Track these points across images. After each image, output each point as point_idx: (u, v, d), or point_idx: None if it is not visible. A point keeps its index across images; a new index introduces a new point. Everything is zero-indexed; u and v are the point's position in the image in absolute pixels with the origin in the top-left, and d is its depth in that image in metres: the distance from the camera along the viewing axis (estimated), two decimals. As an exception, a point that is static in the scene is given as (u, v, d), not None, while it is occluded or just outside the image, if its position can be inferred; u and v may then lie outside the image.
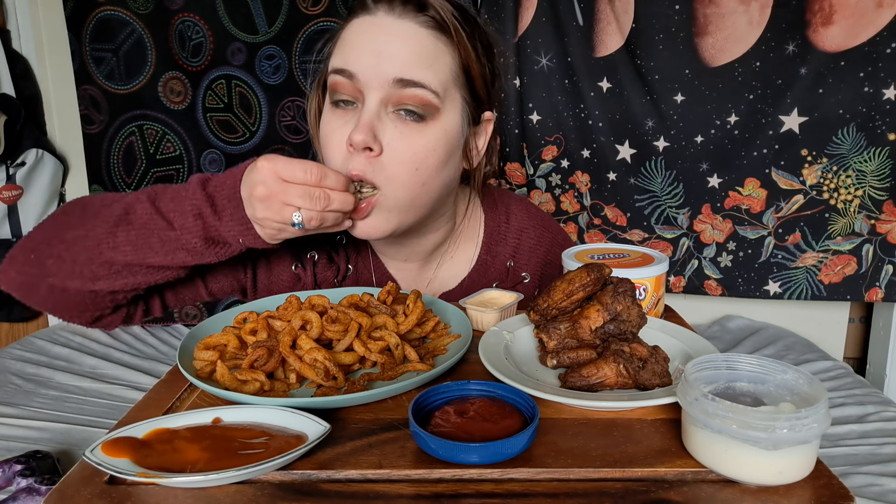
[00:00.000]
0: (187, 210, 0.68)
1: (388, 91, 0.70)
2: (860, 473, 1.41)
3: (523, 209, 0.95)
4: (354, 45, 0.71)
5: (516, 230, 0.92)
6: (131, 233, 0.70)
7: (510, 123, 2.06)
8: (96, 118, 2.14)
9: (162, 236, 0.70)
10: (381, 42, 0.70)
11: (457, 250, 0.91)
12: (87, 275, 0.72)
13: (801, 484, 0.45)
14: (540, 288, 0.94)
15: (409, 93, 0.70)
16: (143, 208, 0.70)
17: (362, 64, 0.70)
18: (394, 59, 0.70)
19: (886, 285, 1.93)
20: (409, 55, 0.70)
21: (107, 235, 0.70)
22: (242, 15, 2.06)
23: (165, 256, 0.71)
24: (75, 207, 0.76)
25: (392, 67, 0.70)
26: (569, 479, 0.47)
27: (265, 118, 2.16)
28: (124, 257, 0.70)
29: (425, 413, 0.52)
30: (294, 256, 0.87)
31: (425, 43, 0.71)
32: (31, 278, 0.74)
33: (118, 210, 0.71)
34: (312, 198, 0.65)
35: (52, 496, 0.45)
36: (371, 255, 0.89)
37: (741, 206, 1.97)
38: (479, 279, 0.90)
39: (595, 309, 0.61)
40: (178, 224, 0.69)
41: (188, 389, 0.62)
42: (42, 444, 1.48)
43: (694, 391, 0.47)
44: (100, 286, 0.73)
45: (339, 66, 0.72)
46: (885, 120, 1.81)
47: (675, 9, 1.86)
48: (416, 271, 0.89)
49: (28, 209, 2.17)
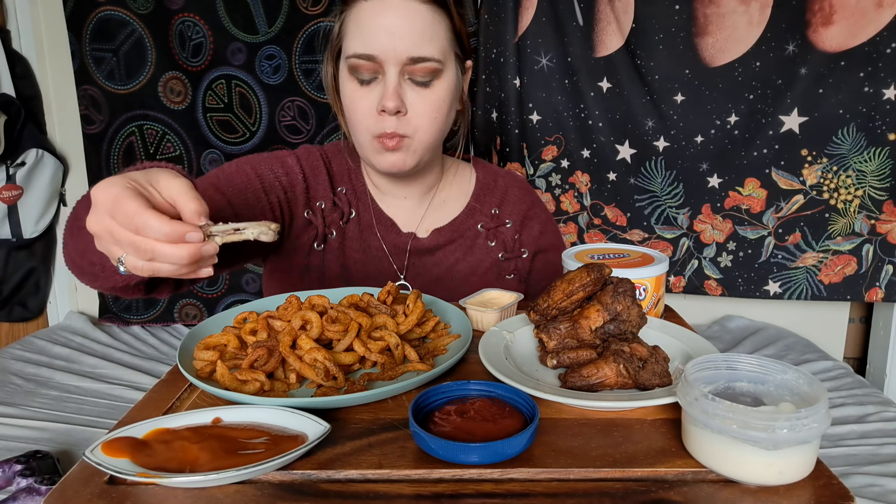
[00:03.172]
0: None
1: (402, 65, 0.85)
2: (860, 474, 1.41)
3: (511, 176, 1.12)
4: (370, 29, 0.84)
5: (503, 187, 1.08)
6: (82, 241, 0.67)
7: (510, 123, 2.06)
8: (96, 118, 2.14)
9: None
10: (393, 23, 0.84)
11: (449, 197, 1.06)
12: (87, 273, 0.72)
13: (801, 484, 0.45)
14: (520, 234, 1.07)
15: (420, 67, 0.86)
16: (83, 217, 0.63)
17: (380, 46, 0.84)
18: (405, 38, 0.84)
19: (886, 285, 1.93)
20: (416, 33, 0.84)
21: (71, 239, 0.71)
22: (242, 15, 2.06)
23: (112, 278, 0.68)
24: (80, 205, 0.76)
25: (404, 46, 0.84)
26: (569, 479, 0.47)
27: (265, 118, 2.16)
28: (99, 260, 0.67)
29: (425, 413, 0.52)
30: (305, 205, 0.99)
31: (427, 18, 0.85)
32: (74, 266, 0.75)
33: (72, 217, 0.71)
34: (134, 247, 0.54)
35: (52, 496, 0.45)
36: (370, 199, 1.02)
37: (741, 206, 1.97)
38: (467, 220, 1.04)
39: (595, 309, 0.61)
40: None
41: (188, 389, 0.62)
42: (42, 444, 1.48)
43: (694, 391, 0.47)
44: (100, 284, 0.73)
45: (361, 51, 0.85)
46: (885, 120, 1.81)
47: (675, 9, 1.86)
48: (412, 209, 1.03)
49: (28, 209, 2.17)
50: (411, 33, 0.84)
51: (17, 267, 2.23)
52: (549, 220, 1.11)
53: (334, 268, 0.99)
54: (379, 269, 1.00)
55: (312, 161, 1.00)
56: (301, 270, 0.99)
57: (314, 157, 1.01)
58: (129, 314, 2.29)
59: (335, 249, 0.98)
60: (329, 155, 1.03)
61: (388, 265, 1.00)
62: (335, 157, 1.03)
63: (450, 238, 1.01)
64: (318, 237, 0.98)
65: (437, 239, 1.01)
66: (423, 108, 0.89)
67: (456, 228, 1.03)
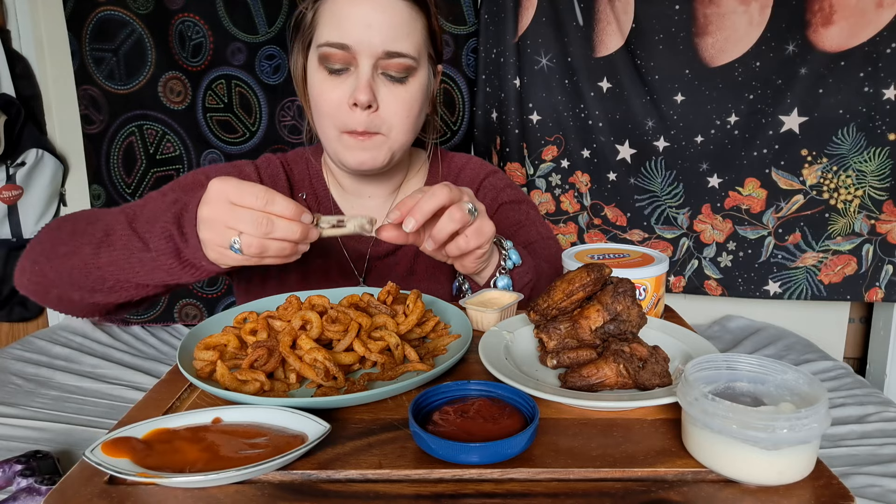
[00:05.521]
0: (158, 232, 0.70)
1: (376, 58, 0.83)
2: (860, 474, 1.41)
3: (469, 157, 1.11)
4: (347, 20, 0.82)
5: (459, 165, 1.08)
6: (113, 254, 0.72)
7: (510, 123, 2.06)
8: (96, 118, 2.14)
9: (141, 257, 0.71)
10: (370, 16, 0.82)
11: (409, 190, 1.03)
12: (85, 288, 0.75)
13: (801, 484, 0.45)
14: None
15: (395, 62, 0.84)
16: (122, 230, 0.72)
17: (355, 37, 0.82)
18: (381, 31, 0.82)
19: (886, 285, 1.93)
20: (393, 28, 0.83)
21: (92, 256, 0.73)
22: (242, 15, 2.06)
23: (147, 276, 0.73)
24: (66, 223, 0.79)
25: (380, 39, 0.82)
26: (569, 479, 0.47)
27: (265, 118, 2.16)
28: (112, 276, 0.73)
29: (425, 413, 0.52)
30: None
31: (404, 15, 0.84)
32: (41, 287, 0.79)
33: (99, 231, 0.73)
34: (255, 223, 0.63)
35: (52, 496, 0.45)
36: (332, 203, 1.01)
37: (741, 206, 1.97)
38: None
39: (595, 309, 0.61)
40: (153, 246, 0.70)
41: (188, 389, 0.62)
42: (42, 444, 1.48)
43: (694, 391, 0.47)
44: (98, 298, 0.77)
45: (336, 40, 0.82)
46: (885, 120, 1.81)
47: (675, 9, 1.86)
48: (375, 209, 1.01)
49: (28, 209, 2.18)
50: (389, 27, 0.82)
51: (17, 267, 2.23)
52: (510, 184, 1.08)
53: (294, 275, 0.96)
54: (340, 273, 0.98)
55: (272, 170, 0.99)
56: (260, 279, 0.97)
57: (273, 165, 0.99)
58: (130, 314, 2.29)
59: None
60: (290, 162, 1.02)
61: (349, 271, 0.98)
62: (296, 164, 1.02)
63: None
64: None
65: None
66: (396, 106, 0.86)
67: None
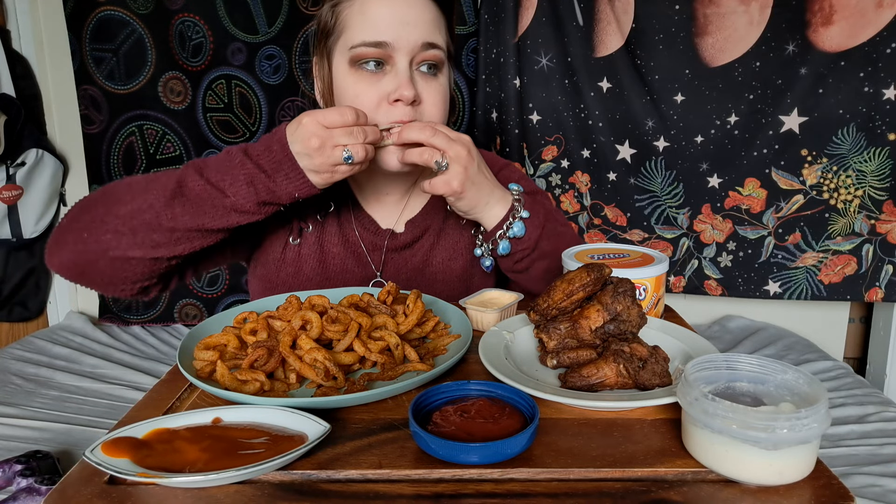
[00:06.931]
0: (240, 179, 0.79)
1: (414, 53, 0.86)
2: (860, 474, 1.41)
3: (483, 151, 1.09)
4: (382, 19, 0.86)
5: None
6: (187, 204, 0.80)
7: (510, 123, 2.06)
8: (96, 118, 2.14)
9: (216, 203, 0.80)
10: (407, 13, 0.86)
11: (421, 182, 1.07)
12: (148, 243, 0.80)
13: (801, 484, 0.45)
14: None
15: (430, 53, 0.88)
16: (195, 181, 0.81)
17: (393, 34, 0.85)
18: (418, 27, 0.86)
19: (886, 285, 1.93)
20: (428, 22, 0.87)
21: (165, 208, 0.80)
22: (242, 15, 2.06)
23: (220, 220, 0.82)
24: (117, 188, 0.85)
25: (418, 34, 0.86)
26: (569, 479, 0.47)
27: (265, 118, 2.16)
28: (184, 225, 0.81)
29: (425, 413, 0.52)
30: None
31: (434, 12, 0.89)
32: (90, 255, 0.82)
33: (171, 185, 0.81)
34: (353, 134, 0.77)
35: (52, 496, 0.45)
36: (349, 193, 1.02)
37: (741, 206, 1.97)
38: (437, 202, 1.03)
39: (595, 309, 0.61)
40: (231, 192, 0.80)
41: (188, 389, 0.62)
42: (42, 444, 1.48)
43: (694, 391, 0.47)
44: (161, 252, 0.81)
45: (371, 39, 0.85)
46: (885, 120, 1.81)
47: (675, 9, 1.86)
48: (393, 204, 1.03)
49: (28, 209, 2.18)
50: (423, 22, 0.86)
51: (17, 267, 2.23)
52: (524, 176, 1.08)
53: (311, 262, 0.99)
54: (356, 264, 1.00)
55: None
56: (277, 264, 0.99)
57: None
58: (129, 314, 2.29)
59: (311, 244, 0.98)
60: None
61: (365, 262, 1.00)
62: None
63: (423, 227, 1.01)
64: (292, 231, 0.98)
65: (413, 231, 1.00)
66: (435, 97, 0.89)
67: (427, 214, 1.02)
